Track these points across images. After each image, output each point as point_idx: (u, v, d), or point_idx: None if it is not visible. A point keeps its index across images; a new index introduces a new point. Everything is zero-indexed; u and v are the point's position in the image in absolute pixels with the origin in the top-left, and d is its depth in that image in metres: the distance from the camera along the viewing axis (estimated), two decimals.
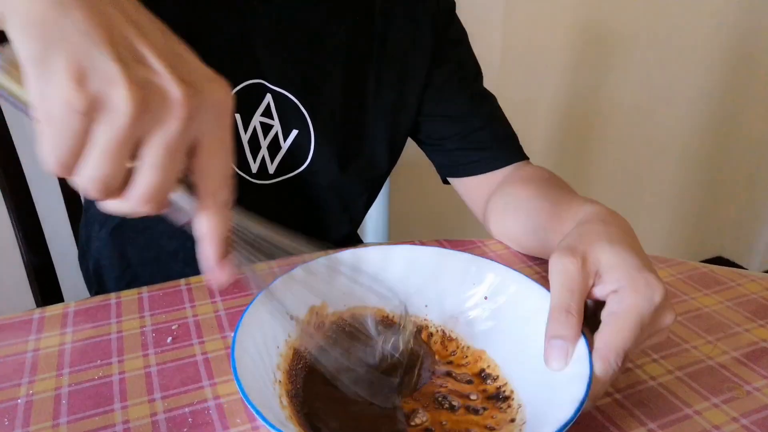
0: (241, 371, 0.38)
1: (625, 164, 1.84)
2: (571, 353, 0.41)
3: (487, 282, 0.52)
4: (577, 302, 0.42)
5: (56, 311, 0.56)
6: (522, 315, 0.48)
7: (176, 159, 0.29)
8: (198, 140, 0.30)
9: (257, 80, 0.67)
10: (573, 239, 0.46)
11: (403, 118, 0.76)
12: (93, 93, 0.27)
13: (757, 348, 0.53)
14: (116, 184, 0.29)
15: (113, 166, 0.28)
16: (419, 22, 0.73)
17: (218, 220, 0.32)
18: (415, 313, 0.53)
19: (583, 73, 1.64)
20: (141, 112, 0.27)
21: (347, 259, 0.53)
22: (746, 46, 1.82)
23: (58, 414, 0.44)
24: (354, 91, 0.72)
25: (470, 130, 0.75)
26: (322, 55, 0.70)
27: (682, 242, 2.13)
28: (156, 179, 0.29)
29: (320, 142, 0.71)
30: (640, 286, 0.41)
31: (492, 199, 0.73)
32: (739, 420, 0.45)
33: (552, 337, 0.41)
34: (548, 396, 0.41)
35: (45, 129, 0.27)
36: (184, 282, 0.60)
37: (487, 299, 0.51)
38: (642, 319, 0.41)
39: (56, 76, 0.26)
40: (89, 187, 0.29)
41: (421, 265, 0.53)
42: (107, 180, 0.28)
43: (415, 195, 1.48)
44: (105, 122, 0.27)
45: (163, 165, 0.29)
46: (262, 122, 0.68)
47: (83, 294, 0.80)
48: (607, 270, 0.43)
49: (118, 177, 0.29)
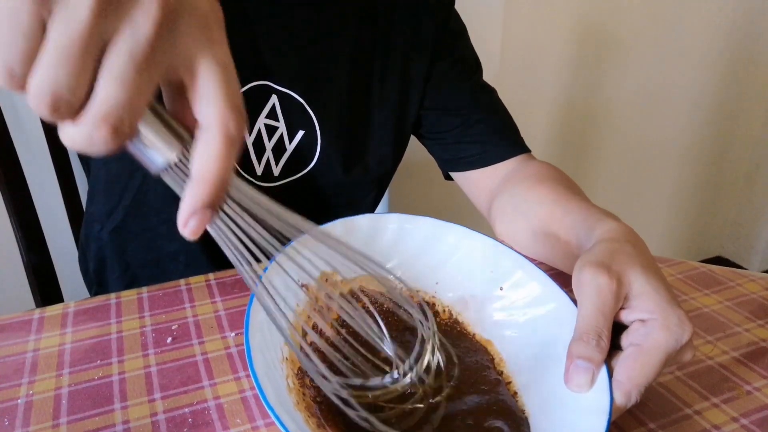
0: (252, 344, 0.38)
1: (624, 164, 1.84)
2: (595, 378, 0.40)
3: (505, 271, 0.50)
4: (609, 327, 0.41)
5: (56, 311, 0.56)
6: (539, 317, 0.47)
7: (146, 75, 0.24)
8: (185, 63, 0.26)
9: (262, 82, 0.67)
10: (604, 256, 0.44)
11: (407, 115, 0.76)
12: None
13: (757, 348, 0.53)
14: (73, 98, 0.23)
15: (69, 74, 0.23)
16: (420, 17, 0.74)
17: (223, 157, 0.26)
18: (423, 288, 0.52)
19: (583, 73, 1.65)
20: (104, 5, 0.22)
21: (363, 226, 0.51)
22: (745, 46, 1.82)
23: (58, 414, 0.44)
24: (359, 89, 0.72)
25: (471, 122, 0.75)
26: (327, 54, 0.70)
27: (682, 242, 2.13)
28: (117, 95, 0.23)
29: (326, 143, 0.71)
30: (672, 324, 0.40)
31: (499, 197, 0.72)
32: (739, 420, 0.45)
33: (578, 358, 0.40)
34: (560, 416, 0.41)
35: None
36: (184, 282, 0.60)
37: (502, 290, 0.50)
38: (668, 358, 0.40)
39: None
40: (41, 101, 0.23)
41: (439, 242, 0.52)
42: (61, 89, 0.23)
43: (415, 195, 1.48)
44: (61, 16, 0.22)
45: (127, 78, 0.23)
46: (267, 124, 0.68)
47: (83, 294, 0.80)
48: (638, 297, 0.42)
49: (75, 88, 0.23)
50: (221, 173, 0.26)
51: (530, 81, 1.57)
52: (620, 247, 0.46)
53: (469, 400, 0.44)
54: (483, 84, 0.79)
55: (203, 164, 0.26)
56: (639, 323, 0.41)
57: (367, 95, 0.73)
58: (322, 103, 0.70)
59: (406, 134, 0.78)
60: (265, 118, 0.68)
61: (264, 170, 0.70)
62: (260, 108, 0.68)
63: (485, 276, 0.51)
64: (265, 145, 0.69)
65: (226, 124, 0.26)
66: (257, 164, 0.69)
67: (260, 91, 0.67)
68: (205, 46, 0.26)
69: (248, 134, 0.68)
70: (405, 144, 0.79)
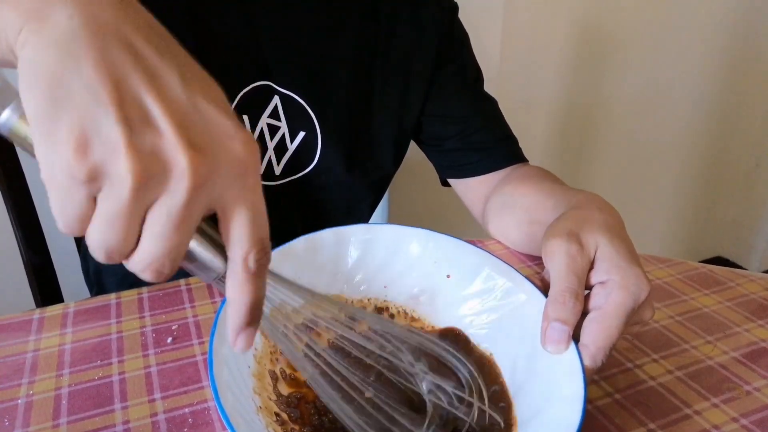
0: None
1: (624, 164, 1.84)
2: (569, 339, 0.41)
3: (444, 257, 0.51)
4: (581, 288, 0.42)
5: (56, 311, 0.56)
6: (496, 295, 0.49)
7: (183, 230, 0.27)
8: (219, 205, 0.28)
9: (265, 82, 0.68)
10: (571, 224, 0.46)
11: (408, 119, 0.76)
12: (94, 163, 0.25)
13: (757, 348, 0.53)
14: (123, 251, 0.27)
15: (117, 235, 0.27)
16: (423, 23, 0.74)
17: (248, 288, 0.30)
18: (374, 295, 0.53)
19: (583, 73, 1.65)
20: (143, 183, 0.25)
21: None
22: (745, 45, 1.82)
23: (58, 414, 0.44)
24: (360, 92, 0.73)
25: (470, 131, 0.75)
26: (329, 57, 0.70)
27: (681, 242, 2.13)
28: (157, 249, 0.27)
29: (327, 144, 0.71)
30: (630, 283, 0.42)
31: (490, 199, 0.73)
32: (739, 420, 0.45)
33: (554, 320, 0.42)
34: (537, 383, 0.42)
35: (49, 192, 0.26)
36: (184, 282, 0.60)
37: (450, 277, 0.51)
38: (627, 317, 0.41)
39: (59, 142, 0.25)
40: (97, 253, 0.27)
41: (377, 246, 0.53)
42: (111, 248, 0.27)
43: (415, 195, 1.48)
44: (107, 192, 0.26)
45: (166, 235, 0.27)
46: (269, 124, 0.69)
47: (83, 294, 0.80)
48: (600, 259, 0.44)
49: (123, 244, 0.27)
50: (249, 298, 0.30)
51: (530, 81, 1.57)
52: (587, 213, 0.48)
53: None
54: (484, 93, 0.79)
55: (232, 293, 0.30)
56: (600, 286, 0.43)
57: (368, 99, 0.73)
58: (323, 105, 0.70)
59: (406, 138, 0.79)
60: (267, 117, 0.68)
61: (266, 169, 0.70)
62: (263, 108, 0.68)
63: (428, 267, 0.52)
64: (267, 145, 0.69)
65: (247, 261, 0.29)
66: None
67: (263, 90, 0.68)
68: (240, 194, 0.28)
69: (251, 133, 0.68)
70: (405, 147, 0.80)
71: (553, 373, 0.41)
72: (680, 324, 0.56)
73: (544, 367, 0.42)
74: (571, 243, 0.44)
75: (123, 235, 0.27)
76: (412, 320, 0.52)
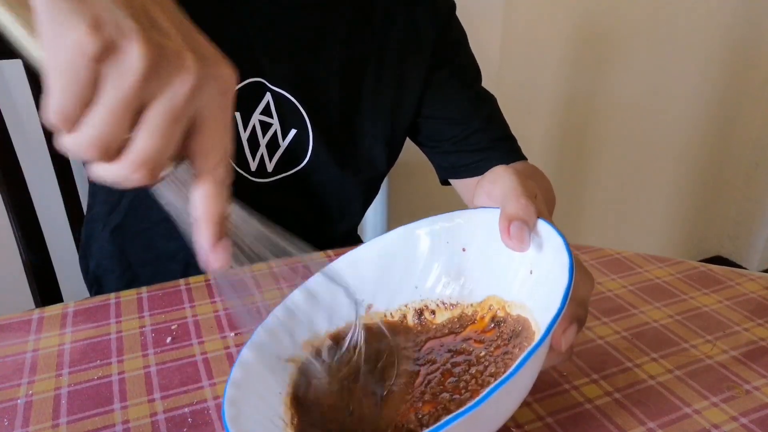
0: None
1: (623, 163, 1.84)
2: (529, 237, 0.40)
3: (437, 241, 0.51)
4: (535, 193, 0.42)
5: (56, 311, 0.56)
6: (478, 241, 0.48)
7: (177, 128, 0.29)
8: (200, 115, 0.30)
9: (257, 79, 0.68)
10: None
11: (402, 119, 0.76)
12: (107, 38, 0.26)
13: (756, 347, 0.53)
14: (114, 145, 0.28)
15: (115, 125, 0.27)
16: (419, 23, 0.74)
17: (216, 200, 0.32)
18: (408, 300, 0.51)
19: (582, 73, 1.65)
20: (152, 70, 0.27)
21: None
22: (745, 46, 1.82)
23: (58, 414, 0.44)
24: (352, 91, 0.72)
25: (469, 131, 0.75)
26: (321, 55, 0.70)
27: (681, 241, 2.13)
28: (155, 144, 0.28)
29: (318, 142, 0.71)
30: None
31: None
32: (739, 419, 0.45)
33: (515, 219, 0.40)
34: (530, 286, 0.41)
35: (52, 76, 0.27)
36: (184, 282, 0.60)
37: (465, 250, 0.50)
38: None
39: (71, 21, 0.26)
40: (87, 146, 0.28)
41: (396, 256, 0.52)
42: (106, 139, 0.27)
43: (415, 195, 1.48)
44: (115, 76, 0.26)
45: (164, 130, 0.28)
46: (262, 120, 0.69)
47: (83, 294, 0.80)
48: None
49: (117, 138, 0.28)
50: (219, 208, 0.32)
51: (530, 81, 1.57)
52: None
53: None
54: (482, 92, 0.79)
55: (202, 204, 0.31)
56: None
57: (359, 99, 0.73)
58: (314, 104, 0.70)
59: (399, 138, 0.78)
60: (260, 114, 0.68)
61: (258, 166, 0.70)
62: (255, 104, 0.68)
63: (427, 260, 0.52)
64: (260, 141, 0.69)
65: (218, 170, 0.31)
66: (251, 160, 0.70)
67: (255, 87, 0.68)
68: (220, 109, 0.30)
69: (243, 130, 0.68)
70: (399, 148, 0.79)
71: (537, 260, 0.41)
72: (680, 323, 0.56)
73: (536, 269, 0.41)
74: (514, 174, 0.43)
75: (122, 126, 0.27)
76: (451, 307, 0.50)
